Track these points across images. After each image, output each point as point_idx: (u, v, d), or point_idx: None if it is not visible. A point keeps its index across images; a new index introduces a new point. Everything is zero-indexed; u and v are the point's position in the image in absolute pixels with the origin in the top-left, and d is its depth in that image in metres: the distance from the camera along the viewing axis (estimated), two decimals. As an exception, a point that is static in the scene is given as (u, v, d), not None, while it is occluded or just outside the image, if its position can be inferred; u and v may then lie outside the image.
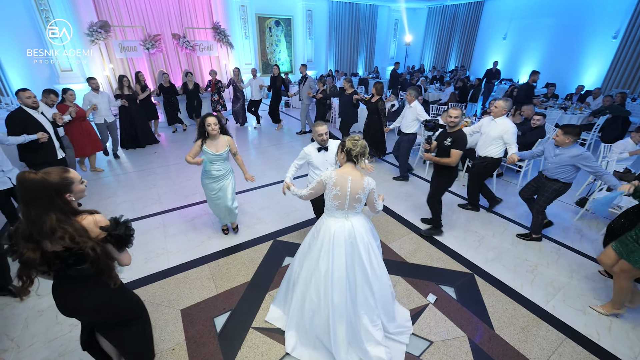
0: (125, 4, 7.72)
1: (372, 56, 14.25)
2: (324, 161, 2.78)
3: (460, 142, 3.03)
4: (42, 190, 1.33)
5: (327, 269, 2.00)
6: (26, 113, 3.34)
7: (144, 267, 2.99)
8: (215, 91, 6.90)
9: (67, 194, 1.40)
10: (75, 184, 1.46)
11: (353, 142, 1.92)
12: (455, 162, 3.07)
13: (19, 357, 2.15)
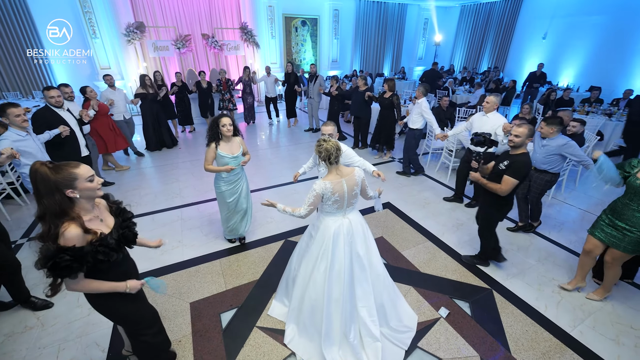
0: (160, 5, 8.12)
1: (399, 56, 13.91)
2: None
3: (517, 169, 2.45)
4: (43, 182, 1.32)
5: (326, 267, 2.05)
6: (51, 111, 3.43)
7: (160, 259, 3.11)
8: (227, 90, 7.03)
9: (69, 189, 1.36)
10: (80, 181, 1.38)
11: (318, 149, 1.96)
12: (505, 192, 2.50)
13: (42, 335, 2.31)
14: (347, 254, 2.04)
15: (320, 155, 1.99)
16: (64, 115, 3.52)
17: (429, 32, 13.98)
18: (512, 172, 2.47)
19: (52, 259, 1.29)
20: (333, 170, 2.01)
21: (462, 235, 3.54)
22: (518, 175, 2.45)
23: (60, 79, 7.85)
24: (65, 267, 1.31)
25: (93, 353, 2.18)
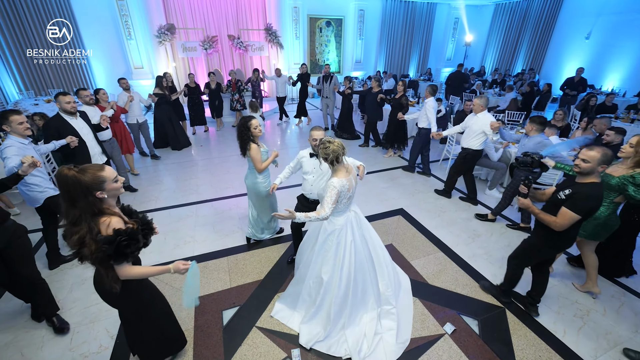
0: (190, 7, 8.48)
1: (426, 57, 13.50)
2: (313, 168, 2.64)
3: (580, 202, 1.97)
4: (73, 186, 1.41)
5: (350, 261, 2.19)
6: (61, 120, 3.23)
7: (172, 253, 3.24)
8: (236, 91, 7.11)
9: (98, 191, 1.46)
10: (108, 182, 1.50)
11: (325, 151, 2.02)
12: (560, 227, 2.05)
13: (64, 315, 2.48)
14: (362, 243, 2.25)
15: (328, 157, 2.03)
16: (76, 123, 3.31)
17: (459, 32, 13.43)
18: (573, 205, 1.99)
19: (113, 242, 1.42)
20: (342, 169, 2.07)
21: (476, 248, 3.36)
22: (580, 209, 1.97)
23: (99, 77, 8.44)
24: (126, 247, 1.45)
25: (102, 338, 2.31)
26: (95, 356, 2.19)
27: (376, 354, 2.16)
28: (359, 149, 6.40)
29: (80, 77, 8.13)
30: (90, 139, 3.41)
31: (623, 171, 2.43)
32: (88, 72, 8.17)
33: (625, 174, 2.40)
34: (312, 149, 2.62)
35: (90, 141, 3.41)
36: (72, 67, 7.94)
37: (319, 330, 2.27)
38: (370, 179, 4.99)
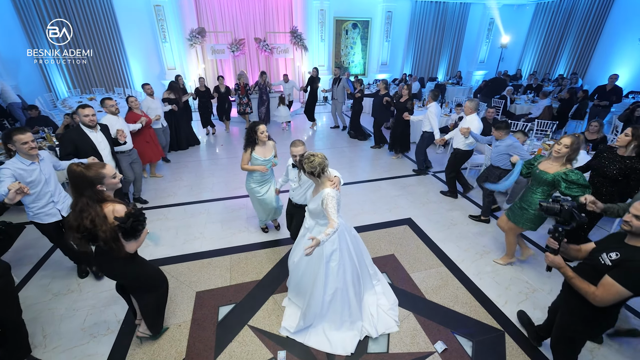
0: (220, 11, 8.87)
1: (457, 59, 12.98)
2: (294, 177, 2.75)
3: (634, 274, 1.48)
4: (80, 180, 1.73)
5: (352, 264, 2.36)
6: (80, 132, 3.17)
7: (181, 247, 3.45)
8: (244, 94, 7.21)
9: (99, 185, 1.78)
10: (107, 178, 1.83)
11: (311, 165, 2.06)
12: (601, 301, 1.56)
13: (78, 298, 2.76)
14: (353, 247, 2.40)
15: (315, 171, 2.07)
16: (95, 137, 3.22)
17: (495, 33, 12.74)
18: (623, 276, 1.49)
19: (127, 221, 1.72)
20: (326, 181, 2.15)
21: (484, 265, 3.22)
22: (634, 284, 1.47)
23: (136, 77, 9.11)
24: (134, 225, 1.76)
25: (111, 321, 2.54)
26: (103, 337, 2.42)
27: (381, 319, 2.50)
28: (370, 151, 6.51)
29: (120, 77, 8.82)
30: (106, 154, 3.32)
31: (557, 168, 2.58)
32: (127, 72, 8.84)
33: (559, 170, 2.55)
34: (294, 161, 2.69)
35: (107, 156, 3.32)
36: (113, 67, 8.65)
37: (349, 334, 2.38)
38: (382, 186, 4.93)
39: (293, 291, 2.60)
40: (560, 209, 1.79)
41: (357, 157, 6.12)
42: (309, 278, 2.34)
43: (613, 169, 2.76)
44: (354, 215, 4.08)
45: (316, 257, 2.25)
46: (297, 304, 2.57)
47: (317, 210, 2.18)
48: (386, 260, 3.26)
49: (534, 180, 2.73)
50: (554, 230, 1.78)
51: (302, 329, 2.39)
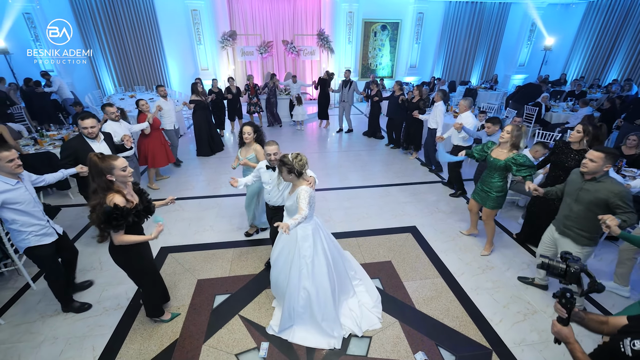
0: (252, 15, 9.28)
1: (493, 63, 12.30)
2: (269, 179, 2.76)
3: None
4: (94, 167, 1.98)
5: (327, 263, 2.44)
6: (81, 140, 3.06)
7: (192, 237, 3.73)
8: (254, 95, 7.39)
9: (108, 175, 1.99)
10: (116, 170, 2.01)
11: (299, 163, 2.21)
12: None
13: (99, 275, 3.13)
14: (331, 245, 2.52)
15: (303, 169, 2.25)
16: (97, 146, 3.10)
17: (537, 34, 11.89)
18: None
19: (109, 214, 1.91)
20: (303, 180, 2.31)
21: (484, 281, 3.11)
22: None
23: (173, 76, 9.83)
24: (115, 219, 1.92)
25: (121, 298, 2.84)
26: (113, 311, 2.73)
27: (365, 317, 2.60)
28: (378, 146, 6.70)
29: (159, 76, 9.59)
30: None
31: (506, 154, 2.97)
32: (165, 71, 9.58)
33: (508, 156, 2.94)
34: (268, 162, 2.72)
35: None
36: (152, 67, 9.43)
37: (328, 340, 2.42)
38: (392, 192, 4.90)
39: (273, 290, 2.71)
40: (566, 270, 1.48)
41: (372, 161, 6.11)
42: (284, 276, 2.45)
43: (571, 162, 2.97)
44: (358, 219, 4.12)
45: (292, 256, 2.37)
46: (279, 303, 2.68)
47: (293, 207, 2.30)
48: (381, 267, 3.27)
49: (490, 166, 3.12)
50: (560, 295, 1.42)
51: (286, 327, 2.49)
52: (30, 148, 4.52)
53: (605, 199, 2.16)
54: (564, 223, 2.47)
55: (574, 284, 1.49)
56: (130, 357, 2.34)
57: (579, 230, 2.37)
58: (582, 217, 2.31)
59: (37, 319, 2.64)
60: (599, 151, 2.17)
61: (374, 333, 2.53)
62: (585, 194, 2.28)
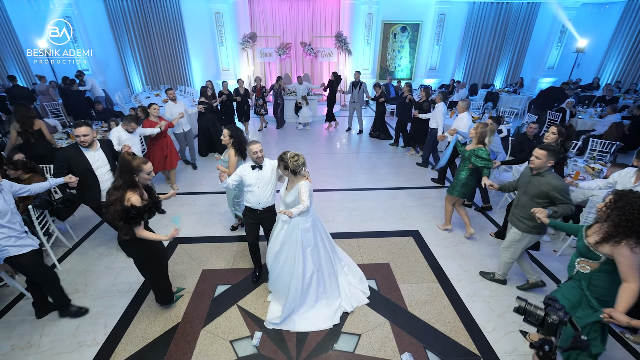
0: (272, 17, 9.53)
1: (519, 65, 11.82)
2: (256, 179, 2.76)
3: None
4: (125, 165, 2.22)
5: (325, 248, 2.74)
6: (76, 150, 2.96)
7: (201, 230, 3.96)
8: (260, 96, 7.51)
9: (135, 175, 2.24)
10: (143, 173, 2.28)
11: (294, 163, 2.36)
12: None
13: (114, 260, 3.42)
14: (324, 235, 2.74)
15: (297, 169, 2.40)
16: (92, 155, 3.01)
17: (569, 35, 11.29)
18: None
19: (127, 211, 2.15)
20: (302, 177, 2.50)
21: (482, 289, 3.08)
22: None
23: (196, 76, 10.29)
24: (134, 217, 2.17)
25: (133, 282, 3.09)
26: (125, 294, 2.98)
27: (354, 294, 2.86)
28: (389, 148, 6.73)
29: (183, 75, 10.08)
30: (103, 172, 3.09)
31: (472, 146, 3.38)
32: (189, 71, 10.05)
33: (472, 148, 3.36)
34: (254, 161, 2.75)
35: (103, 175, 3.09)
36: (177, 67, 9.93)
37: (326, 311, 2.68)
38: (399, 195, 4.90)
39: (273, 285, 2.84)
40: (543, 318, 1.38)
41: (381, 164, 6.12)
42: (288, 266, 2.60)
43: None
44: (361, 221, 4.18)
45: (294, 245, 2.53)
46: (277, 298, 2.82)
47: (295, 202, 2.45)
48: (378, 268, 3.32)
49: (462, 159, 3.56)
50: (538, 348, 1.35)
51: (286, 317, 2.63)
52: (63, 142, 4.96)
53: (547, 192, 2.46)
54: (513, 212, 2.79)
55: (551, 336, 1.38)
56: (137, 336, 2.56)
57: (523, 218, 2.65)
58: (527, 207, 2.56)
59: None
60: (542, 149, 2.45)
61: (364, 330, 2.60)
62: (532, 187, 2.57)
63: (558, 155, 2.49)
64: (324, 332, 2.58)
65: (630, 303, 1.66)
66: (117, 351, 2.44)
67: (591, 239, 1.87)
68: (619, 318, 1.62)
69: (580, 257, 1.93)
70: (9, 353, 2.41)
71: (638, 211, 1.66)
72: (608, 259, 1.78)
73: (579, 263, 1.94)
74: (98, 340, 2.54)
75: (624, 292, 1.69)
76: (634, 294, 1.65)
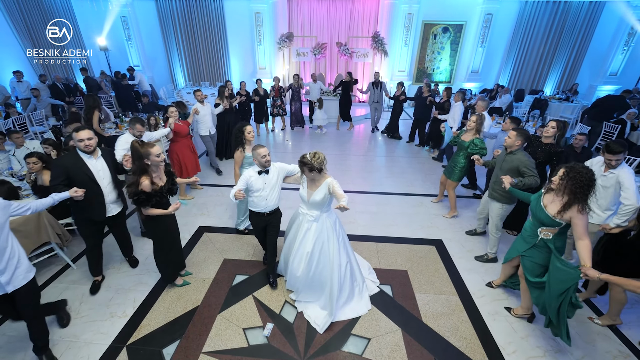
0: (309, 17, 9.65)
1: (575, 71, 10.79)
2: (263, 184, 2.73)
3: None
4: (135, 152, 2.43)
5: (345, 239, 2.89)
6: (75, 158, 2.59)
7: (226, 221, 4.14)
8: (278, 97, 7.27)
9: (145, 159, 2.42)
10: (152, 156, 2.44)
11: (318, 161, 2.41)
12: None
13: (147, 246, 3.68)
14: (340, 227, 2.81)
15: (322, 165, 2.45)
16: (94, 164, 2.67)
17: (638, 38, 10.07)
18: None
19: (137, 195, 2.37)
20: (325, 175, 2.55)
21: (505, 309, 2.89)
22: None
23: (234, 73, 10.74)
24: (142, 200, 2.40)
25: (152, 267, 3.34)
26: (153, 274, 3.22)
27: (367, 283, 3.00)
28: (426, 164, 6.22)
29: (222, 72, 10.58)
30: (106, 183, 2.73)
31: (470, 137, 3.80)
32: (227, 69, 10.53)
33: (471, 139, 3.76)
34: (262, 165, 2.67)
35: (106, 186, 2.73)
36: (217, 64, 10.45)
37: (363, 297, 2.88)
38: (425, 202, 4.74)
39: (308, 287, 2.77)
40: None
41: (411, 169, 5.95)
42: (326, 262, 2.65)
43: (540, 154, 3.49)
44: (383, 226, 4.11)
45: (328, 241, 2.64)
46: (312, 300, 2.80)
47: (324, 200, 2.54)
48: (395, 275, 3.25)
49: (458, 147, 3.96)
50: None
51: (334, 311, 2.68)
52: (111, 131, 5.47)
53: (517, 167, 2.97)
54: (492, 187, 3.25)
55: None
56: (160, 313, 2.76)
57: (501, 191, 3.09)
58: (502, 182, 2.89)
59: (99, 269, 3.26)
60: (514, 131, 2.99)
61: (374, 335, 2.56)
62: (506, 163, 3.07)
63: (526, 136, 2.99)
64: (333, 332, 2.60)
65: (590, 255, 2.02)
66: (142, 325, 2.65)
67: (552, 210, 2.21)
68: (592, 273, 1.91)
69: (542, 227, 2.30)
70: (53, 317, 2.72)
71: (586, 179, 2.03)
72: (567, 224, 2.17)
73: (541, 232, 2.30)
74: (127, 313, 2.78)
75: (582, 249, 2.04)
76: (589, 248, 2.03)
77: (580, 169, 2.05)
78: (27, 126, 6.31)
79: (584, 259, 2.01)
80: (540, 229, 2.30)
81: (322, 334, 2.57)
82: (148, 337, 2.56)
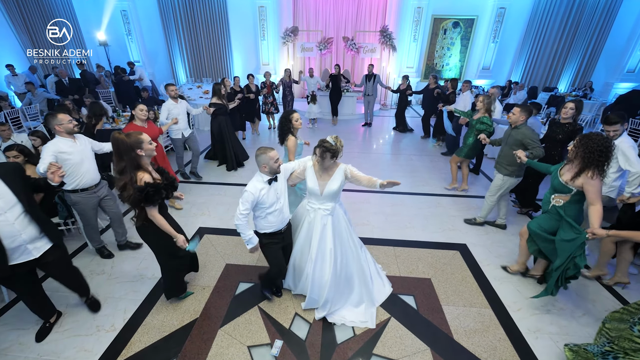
0: (315, 11, 9.32)
1: (590, 67, 10.39)
2: (276, 195, 2.23)
3: None
4: (122, 145, 2.01)
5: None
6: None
7: (228, 222, 3.81)
8: (270, 93, 6.83)
9: (138, 149, 2.06)
10: (145, 144, 2.09)
11: (341, 143, 2.22)
12: None
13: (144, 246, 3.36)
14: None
15: (341, 150, 2.24)
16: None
17: (657, 33, 9.63)
18: None
19: (143, 190, 1.98)
20: (338, 161, 2.36)
21: (547, 324, 2.52)
22: None
23: (237, 69, 10.44)
24: (151, 195, 2.00)
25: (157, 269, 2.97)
26: (148, 280, 2.89)
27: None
28: (440, 162, 5.87)
29: (224, 68, 10.28)
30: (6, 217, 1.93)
31: (480, 115, 4.00)
32: (230, 64, 10.23)
33: (479, 117, 3.98)
34: (273, 171, 2.17)
35: (8, 221, 1.91)
36: (219, 60, 10.16)
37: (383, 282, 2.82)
38: (442, 202, 4.38)
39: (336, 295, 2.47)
40: None
41: (423, 167, 5.60)
42: (350, 255, 2.49)
43: (560, 134, 3.56)
44: (399, 228, 3.76)
45: (345, 232, 2.45)
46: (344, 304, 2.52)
47: (340, 188, 2.33)
48: (418, 283, 2.90)
49: (470, 127, 4.14)
50: None
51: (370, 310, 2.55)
52: (107, 125, 5.15)
53: (521, 140, 3.13)
54: (498, 161, 3.44)
55: None
56: (153, 327, 2.43)
57: (506, 164, 3.32)
58: (508, 155, 3.19)
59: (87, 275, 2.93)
60: (517, 107, 3.21)
61: (400, 356, 2.21)
62: (511, 138, 3.25)
63: (529, 110, 3.19)
64: (353, 350, 2.25)
65: (600, 219, 2.12)
66: (133, 341, 2.32)
67: (565, 177, 2.34)
68: (599, 232, 2.06)
69: (555, 193, 2.41)
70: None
71: (597, 145, 2.11)
72: (578, 191, 2.27)
73: (554, 199, 2.43)
74: (116, 326, 2.45)
75: (593, 213, 2.14)
76: (600, 213, 2.13)
77: (593, 136, 2.15)
78: (21, 121, 6.02)
79: (593, 222, 2.10)
80: (553, 196, 2.43)
81: (341, 347, 2.26)
82: (139, 355, 2.22)
